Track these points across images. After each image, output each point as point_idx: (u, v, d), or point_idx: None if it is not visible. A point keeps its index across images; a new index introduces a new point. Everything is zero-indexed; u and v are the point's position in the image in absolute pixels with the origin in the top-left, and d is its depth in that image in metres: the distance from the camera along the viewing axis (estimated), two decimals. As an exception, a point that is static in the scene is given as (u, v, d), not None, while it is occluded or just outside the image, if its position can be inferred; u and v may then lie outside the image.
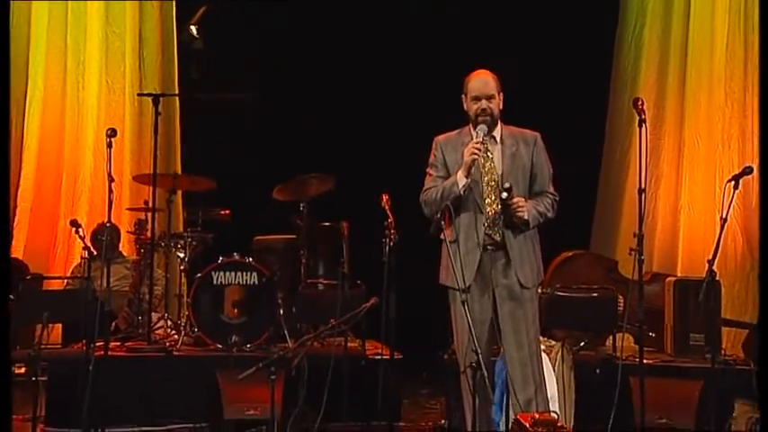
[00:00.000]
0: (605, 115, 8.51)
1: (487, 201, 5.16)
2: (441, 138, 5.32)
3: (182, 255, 7.38)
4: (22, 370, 6.83)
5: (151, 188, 7.26)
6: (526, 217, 5.11)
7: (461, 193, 5.07)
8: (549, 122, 5.64)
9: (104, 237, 6.92)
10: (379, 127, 8.38)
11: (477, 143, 5.05)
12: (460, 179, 5.08)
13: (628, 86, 8.37)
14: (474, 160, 5.05)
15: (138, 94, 8.28)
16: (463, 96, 5.24)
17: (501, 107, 5.23)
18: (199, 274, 7.03)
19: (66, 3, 8.38)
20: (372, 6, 8.50)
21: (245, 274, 7.00)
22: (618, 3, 8.48)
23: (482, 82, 5.19)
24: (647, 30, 8.36)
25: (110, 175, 6.06)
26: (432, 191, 5.17)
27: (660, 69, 8.32)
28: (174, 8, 8.59)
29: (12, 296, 7.26)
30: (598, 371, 6.40)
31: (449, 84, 5.54)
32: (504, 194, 5.06)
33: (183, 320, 7.13)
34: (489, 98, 5.16)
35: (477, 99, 5.16)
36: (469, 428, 5.03)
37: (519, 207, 5.09)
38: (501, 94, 5.22)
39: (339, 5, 8.53)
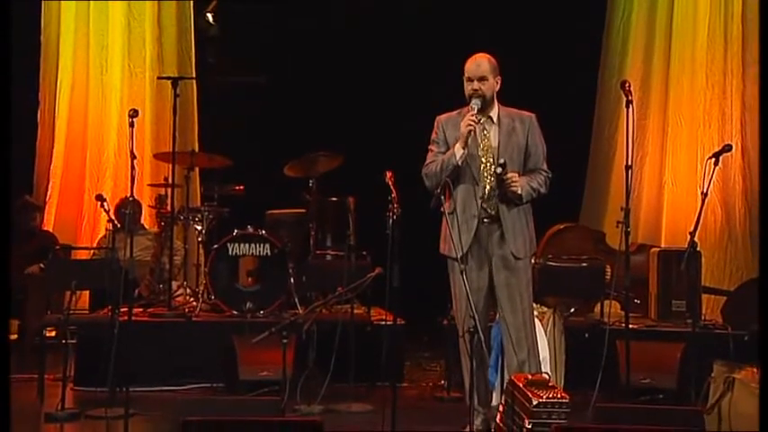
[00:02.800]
0: (595, 97, 8.49)
1: (484, 176, 5.17)
2: (442, 117, 5.33)
3: (199, 227, 7.39)
4: (53, 333, 6.88)
5: (170, 165, 7.27)
6: (519, 192, 5.12)
7: (459, 163, 5.09)
8: (543, 103, 5.63)
9: (127, 210, 6.90)
10: (383, 108, 8.36)
11: (471, 116, 5.08)
12: (458, 150, 5.10)
13: (616, 70, 8.34)
14: (470, 131, 5.07)
15: (158, 78, 8.26)
16: (463, 78, 5.26)
17: (496, 89, 5.22)
18: (215, 246, 7.05)
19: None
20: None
21: (258, 245, 7.01)
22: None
23: (475, 65, 5.20)
24: (633, 17, 8.32)
25: (132, 152, 6.05)
26: (432, 165, 5.20)
27: (646, 54, 8.30)
28: (192, -3, 8.60)
29: (42, 265, 7.33)
30: (587, 335, 6.43)
31: (449, 68, 5.54)
32: (499, 170, 5.07)
33: (201, 288, 7.15)
34: (480, 79, 5.15)
35: (470, 80, 5.18)
36: (467, 389, 5.06)
37: (513, 182, 5.10)
38: (498, 77, 5.21)
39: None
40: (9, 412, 4.05)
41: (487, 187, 5.16)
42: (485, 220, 5.16)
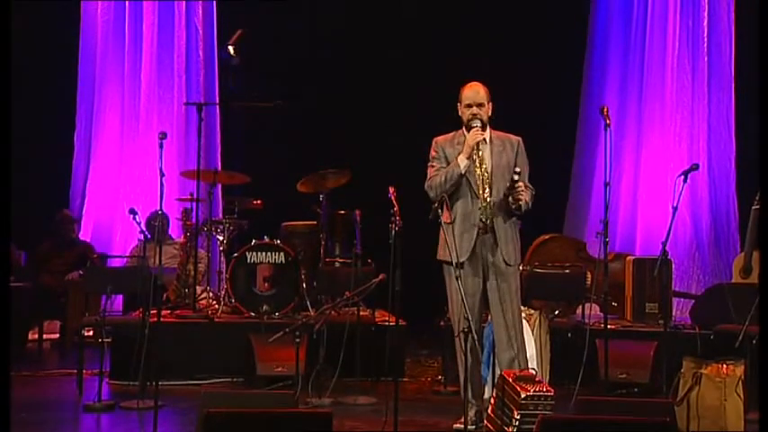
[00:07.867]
0: (577, 121, 8.52)
1: (480, 190, 5.18)
2: (439, 138, 5.36)
3: (221, 238, 7.40)
4: (91, 333, 6.90)
5: (196, 182, 7.29)
6: (521, 201, 5.12)
7: (463, 172, 5.11)
8: (530, 127, 5.67)
9: (157, 223, 6.97)
10: (386, 131, 8.40)
11: (478, 130, 5.11)
12: (462, 161, 5.13)
13: (595, 96, 8.38)
14: (477, 142, 5.10)
15: (185, 104, 8.32)
16: (458, 104, 5.29)
17: (490, 114, 5.27)
18: (235, 254, 7.04)
19: (125, 29, 8.48)
20: (380, 27, 8.54)
21: (273, 254, 7.01)
22: (586, 29, 8.51)
23: (474, 92, 5.24)
24: (611, 50, 8.38)
25: (161, 170, 6.08)
26: (436, 177, 5.20)
27: (622, 82, 8.34)
28: (215, 31, 8.64)
29: (81, 272, 7.35)
30: (570, 335, 6.41)
31: (444, 94, 5.58)
32: (516, 176, 5.08)
33: (223, 292, 7.15)
34: (479, 105, 5.20)
35: (469, 106, 5.22)
36: (462, 383, 5.06)
37: (522, 191, 5.10)
38: (490, 103, 5.26)
39: (351, 25, 8.56)
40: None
41: (483, 200, 5.16)
42: (480, 230, 5.17)
